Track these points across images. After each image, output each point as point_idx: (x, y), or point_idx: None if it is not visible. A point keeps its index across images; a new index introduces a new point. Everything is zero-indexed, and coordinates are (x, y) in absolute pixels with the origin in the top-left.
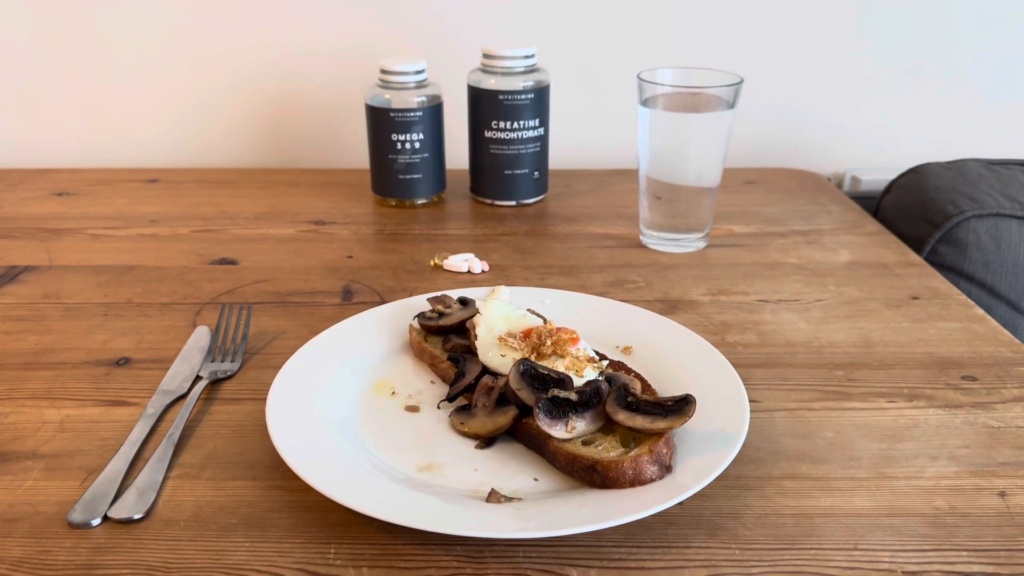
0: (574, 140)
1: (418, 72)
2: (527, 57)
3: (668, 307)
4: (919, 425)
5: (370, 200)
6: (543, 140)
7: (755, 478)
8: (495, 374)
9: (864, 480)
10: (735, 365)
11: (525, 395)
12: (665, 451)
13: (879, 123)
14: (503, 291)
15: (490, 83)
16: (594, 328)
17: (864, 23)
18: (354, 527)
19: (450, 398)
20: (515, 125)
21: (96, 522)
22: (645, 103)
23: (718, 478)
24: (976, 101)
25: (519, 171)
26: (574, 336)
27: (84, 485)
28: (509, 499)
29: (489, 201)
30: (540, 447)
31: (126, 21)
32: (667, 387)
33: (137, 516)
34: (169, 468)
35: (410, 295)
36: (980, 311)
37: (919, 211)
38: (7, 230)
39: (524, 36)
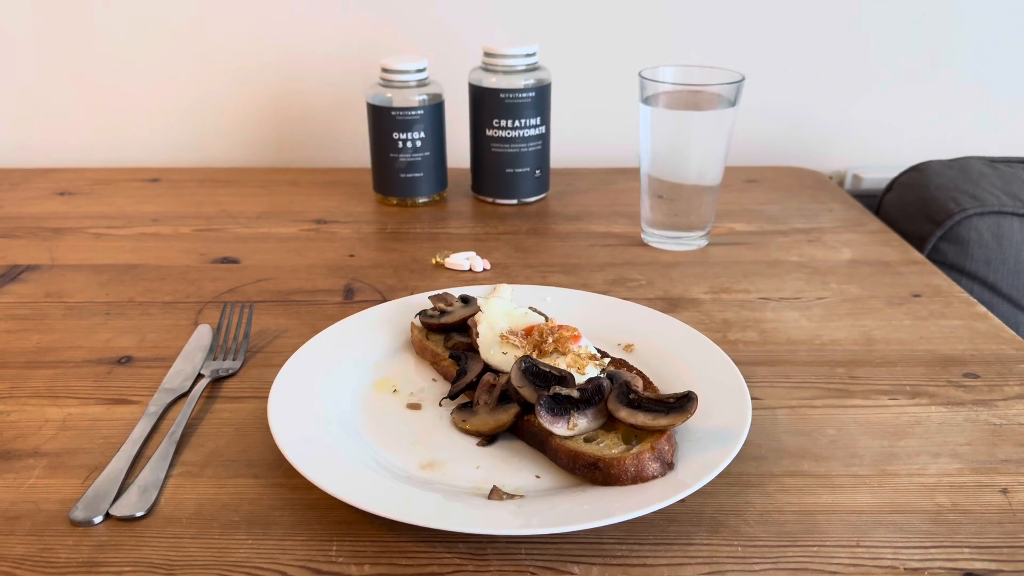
0: (575, 138)
1: (419, 71)
2: (528, 55)
3: (670, 305)
4: (921, 422)
5: (371, 199)
6: (544, 139)
7: (757, 475)
8: (497, 372)
9: (866, 477)
10: (737, 363)
11: (527, 392)
12: (667, 448)
13: (880, 121)
14: (505, 289)
15: (491, 81)
16: (596, 326)
17: (865, 20)
18: (356, 524)
19: (452, 396)
20: (516, 123)
21: (98, 520)
22: (646, 101)
23: (720, 475)
24: (978, 98)
25: (520, 170)
26: (576, 334)
27: (86, 483)
28: (511, 496)
29: (490, 200)
30: (542, 444)
31: (128, 21)
32: (669, 384)
33: (139, 514)
34: (171, 466)
35: (411, 293)
36: (982, 309)
37: (921, 209)
38: (9, 229)
39: (525, 34)
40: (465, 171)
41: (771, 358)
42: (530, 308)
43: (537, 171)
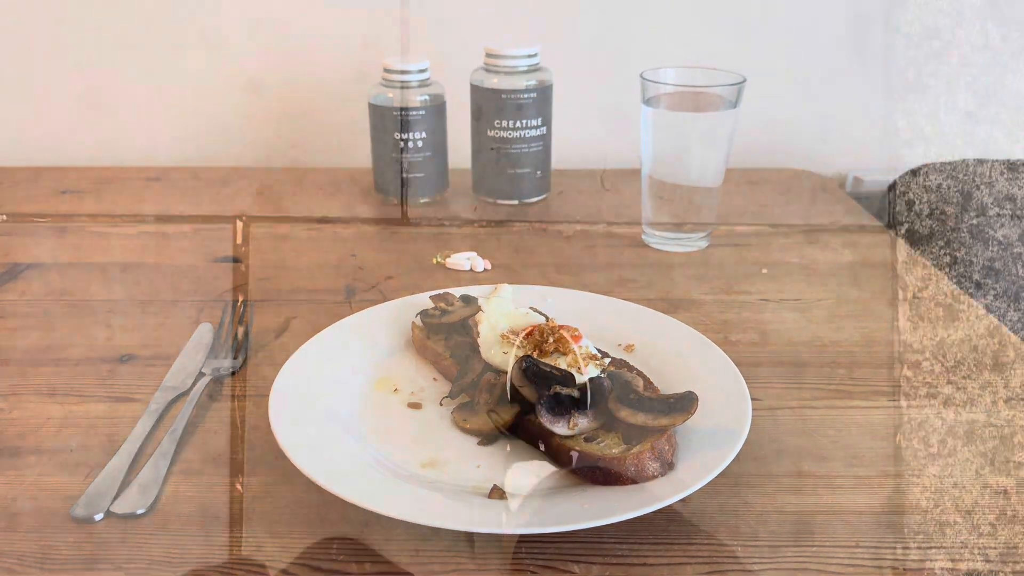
0: (577, 139)
1: (421, 71)
2: (530, 56)
3: (670, 306)
4: (922, 423)
5: (373, 199)
6: (546, 139)
7: (757, 476)
8: (497, 371)
9: (866, 478)
10: (737, 364)
11: (528, 392)
12: (667, 448)
13: (881, 124)
14: (505, 289)
15: (493, 82)
16: (596, 326)
17: (866, 23)
18: (357, 523)
19: (452, 395)
20: (518, 124)
21: (99, 517)
22: (648, 102)
23: (720, 475)
24: (978, 101)
25: (521, 170)
26: (576, 334)
27: (87, 480)
28: (512, 495)
29: (491, 200)
30: (543, 444)
31: (130, 20)
32: (669, 385)
33: (140, 511)
34: (172, 464)
35: (412, 293)
36: (982, 310)
37: (922, 211)
38: (11, 227)
39: (527, 35)
40: (466, 171)
41: (771, 359)
42: (531, 308)
43: (538, 172)
